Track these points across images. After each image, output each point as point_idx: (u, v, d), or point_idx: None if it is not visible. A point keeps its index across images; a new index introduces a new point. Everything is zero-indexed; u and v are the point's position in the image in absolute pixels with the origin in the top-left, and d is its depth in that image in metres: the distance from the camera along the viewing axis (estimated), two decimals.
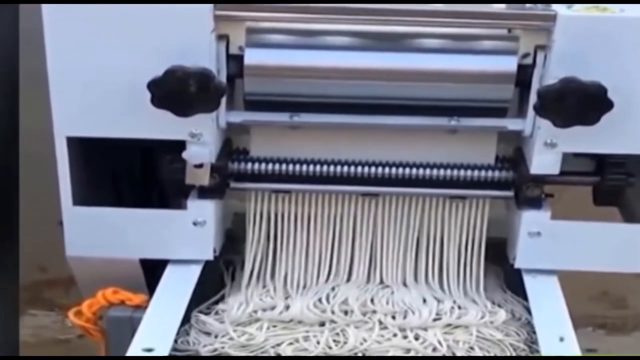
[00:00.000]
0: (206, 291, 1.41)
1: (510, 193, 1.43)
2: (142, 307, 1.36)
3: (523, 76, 1.34)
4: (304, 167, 1.42)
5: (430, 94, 1.36)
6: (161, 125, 1.32)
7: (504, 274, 1.50)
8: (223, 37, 1.33)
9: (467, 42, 1.36)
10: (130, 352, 1.23)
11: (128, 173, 1.56)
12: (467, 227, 1.46)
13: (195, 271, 1.43)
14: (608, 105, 1.27)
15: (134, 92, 1.29)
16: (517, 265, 1.44)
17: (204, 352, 1.27)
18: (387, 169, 1.42)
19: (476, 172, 1.42)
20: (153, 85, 1.27)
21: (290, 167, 1.42)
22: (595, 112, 1.28)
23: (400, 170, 1.42)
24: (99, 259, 1.44)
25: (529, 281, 1.43)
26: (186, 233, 1.41)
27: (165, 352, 1.23)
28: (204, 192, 1.41)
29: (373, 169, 1.42)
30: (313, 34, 1.35)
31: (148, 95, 1.28)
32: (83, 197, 1.41)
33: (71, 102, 1.33)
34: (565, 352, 1.25)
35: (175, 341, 1.27)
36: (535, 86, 1.32)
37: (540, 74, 1.32)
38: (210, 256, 1.44)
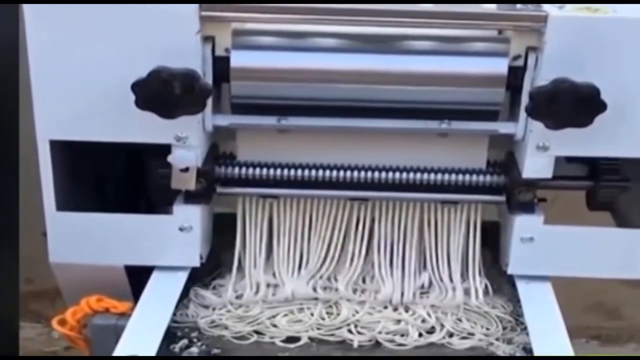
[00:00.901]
0: (203, 269, 1.44)
1: (502, 198, 1.41)
2: (127, 315, 1.33)
3: (514, 78, 1.32)
4: (292, 171, 1.40)
5: (420, 96, 1.34)
6: (146, 129, 1.30)
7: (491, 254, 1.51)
8: (209, 39, 1.31)
9: (456, 44, 1.34)
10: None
11: (113, 178, 1.53)
12: (459, 232, 1.44)
13: (182, 278, 1.41)
14: (601, 106, 1.25)
15: (118, 94, 1.26)
16: (509, 271, 1.42)
17: (202, 323, 1.32)
18: (377, 174, 1.40)
19: (467, 177, 1.40)
20: (137, 87, 1.24)
21: (278, 171, 1.40)
22: (588, 114, 1.26)
23: (391, 174, 1.40)
24: (83, 266, 1.41)
25: (522, 287, 1.41)
26: (172, 239, 1.39)
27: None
28: (190, 197, 1.38)
29: (363, 173, 1.40)
30: (301, 35, 1.33)
31: (132, 97, 1.25)
32: (66, 203, 1.39)
33: (54, 105, 1.31)
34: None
35: (174, 314, 1.32)
36: (526, 88, 1.30)
37: (532, 76, 1.30)
38: (196, 262, 1.42)
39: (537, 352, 1.25)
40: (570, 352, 1.24)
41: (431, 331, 1.33)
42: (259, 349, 1.29)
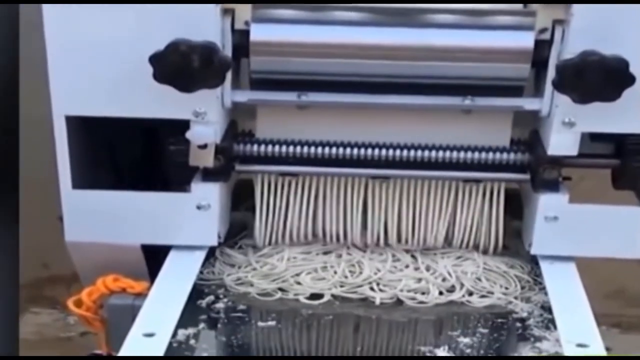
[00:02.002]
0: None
1: (526, 176, 1.38)
2: (143, 295, 1.31)
3: (540, 53, 1.30)
4: (312, 149, 1.38)
5: (443, 71, 1.32)
6: (164, 104, 1.28)
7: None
8: (228, 11, 1.29)
9: (481, 17, 1.31)
10: (130, 338, 1.18)
11: (130, 156, 1.51)
12: (481, 211, 1.42)
13: (199, 257, 1.39)
14: (630, 80, 1.22)
15: (136, 68, 1.24)
16: (533, 251, 1.39)
17: (228, 280, 1.36)
18: (398, 151, 1.37)
19: (491, 155, 1.37)
20: (155, 60, 1.22)
21: (298, 149, 1.38)
22: (616, 88, 1.23)
23: (412, 152, 1.37)
24: (100, 245, 1.39)
25: (546, 268, 1.39)
26: (190, 217, 1.37)
27: (166, 339, 1.18)
28: (209, 175, 1.36)
29: (384, 151, 1.37)
30: (322, 8, 1.31)
31: (150, 70, 1.23)
32: (83, 180, 1.37)
33: (70, 80, 1.29)
34: (585, 341, 1.20)
35: (201, 272, 1.36)
36: (553, 62, 1.27)
37: (559, 50, 1.27)
38: (214, 242, 1.39)
39: (561, 335, 1.22)
40: (596, 338, 1.21)
41: (451, 290, 1.35)
42: (283, 305, 1.31)
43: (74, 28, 1.26)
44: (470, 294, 1.35)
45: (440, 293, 1.34)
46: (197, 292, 1.31)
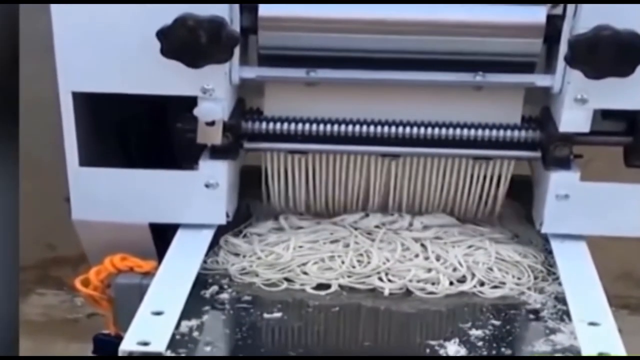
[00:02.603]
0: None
1: (537, 154, 1.36)
2: (151, 274, 1.30)
3: (552, 28, 1.28)
4: (321, 126, 1.36)
5: (454, 47, 1.30)
6: (171, 80, 1.27)
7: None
8: None
9: None
10: (139, 316, 1.17)
11: (137, 134, 1.50)
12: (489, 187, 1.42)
13: (207, 236, 1.37)
14: None
15: (144, 43, 1.23)
16: (543, 230, 1.38)
17: (233, 270, 1.32)
18: (408, 129, 1.36)
19: (502, 132, 1.36)
20: (162, 34, 1.21)
21: (307, 126, 1.36)
22: (629, 63, 1.21)
23: (422, 130, 1.36)
24: (106, 224, 1.38)
25: (557, 246, 1.37)
26: (198, 195, 1.36)
27: (175, 317, 1.18)
28: (216, 153, 1.35)
29: (393, 128, 1.36)
30: None
31: (158, 46, 1.21)
32: (89, 158, 1.36)
33: (76, 55, 1.27)
34: (597, 319, 1.19)
35: (205, 261, 1.32)
36: (565, 37, 1.25)
37: (571, 25, 1.25)
38: (222, 220, 1.38)
39: (573, 314, 1.21)
40: (605, 307, 1.21)
41: (462, 280, 1.31)
42: (289, 296, 1.28)
43: (81, 3, 1.24)
44: (482, 284, 1.31)
45: (451, 283, 1.31)
46: (201, 282, 1.27)
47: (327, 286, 1.30)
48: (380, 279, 1.31)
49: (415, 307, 1.27)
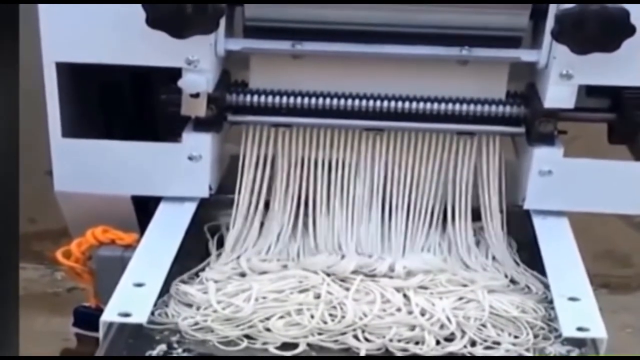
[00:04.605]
0: (189, 261, 1.30)
1: (521, 129, 1.36)
2: (133, 247, 1.29)
3: (539, 3, 1.27)
4: (306, 99, 1.35)
5: (440, 20, 1.30)
6: (156, 51, 1.26)
7: (518, 246, 1.41)
8: None
9: None
10: (120, 287, 1.17)
11: (121, 106, 1.49)
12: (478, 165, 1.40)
13: (190, 208, 1.37)
14: (630, 30, 1.20)
15: (128, 13, 1.22)
16: (526, 206, 1.38)
17: (184, 324, 1.14)
18: (393, 103, 1.35)
19: (486, 107, 1.35)
20: (148, 4, 1.19)
21: (292, 99, 1.35)
22: (616, 38, 1.21)
23: (407, 104, 1.35)
24: (89, 195, 1.38)
25: (538, 223, 1.37)
26: (181, 168, 1.35)
27: (157, 288, 1.17)
28: (200, 125, 1.34)
29: (378, 102, 1.35)
30: None
31: (143, 16, 1.20)
32: (72, 129, 1.35)
33: (61, 25, 1.26)
34: (577, 294, 1.19)
35: (152, 313, 1.15)
36: (552, 11, 1.25)
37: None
38: (205, 193, 1.38)
39: (553, 292, 1.20)
40: (586, 283, 1.21)
41: (451, 338, 1.14)
42: (249, 356, 1.12)
43: None
44: (473, 344, 1.13)
45: (438, 343, 1.13)
46: (146, 339, 1.11)
47: (294, 345, 1.12)
48: (356, 337, 1.13)
49: None
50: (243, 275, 1.27)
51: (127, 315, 1.11)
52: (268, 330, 1.13)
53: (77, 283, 1.39)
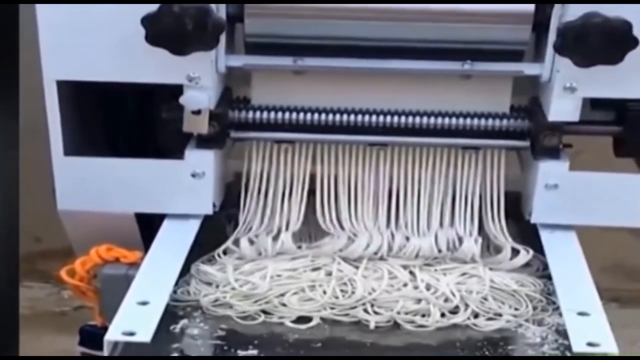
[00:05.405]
0: (207, 244, 1.34)
1: (526, 143, 1.35)
2: (137, 265, 1.28)
3: (541, 16, 1.27)
4: (309, 115, 1.35)
5: (442, 35, 1.29)
6: (157, 68, 1.25)
7: (519, 229, 1.42)
8: None
9: None
10: (124, 306, 1.16)
11: (123, 123, 1.49)
12: (482, 180, 1.39)
13: (194, 226, 1.36)
14: (633, 42, 1.19)
15: (128, 30, 1.22)
16: (533, 220, 1.37)
17: (205, 301, 1.21)
18: (396, 118, 1.35)
19: (490, 121, 1.35)
20: (147, 21, 1.19)
21: (294, 115, 1.35)
22: (619, 50, 1.20)
23: (411, 119, 1.35)
24: (92, 214, 1.37)
25: (546, 237, 1.36)
26: (184, 185, 1.34)
27: (161, 307, 1.17)
28: (203, 142, 1.34)
29: (382, 117, 1.35)
30: None
31: (143, 33, 1.20)
32: (74, 147, 1.34)
33: (61, 43, 1.26)
34: (586, 309, 1.18)
35: (175, 292, 1.22)
36: (554, 25, 1.24)
37: (560, 13, 1.24)
38: (209, 210, 1.37)
39: (561, 304, 1.20)
40: (595, 297, 1.20)
41: (455, 311, 1.21)
42: (266, 330, 1.18)
43: None
44: (476, 316, 1.20)
45: (443, 315, 1.20)
46: (170, 315, 1.17)
47: (308, 319, 1.19)
48: (366, 311, 1.20)
49: (403, 341, 1.17)
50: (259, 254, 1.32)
51: (131, 334, 1.10)
52: (283, 305, 1.20)
53: (83, 302, 1.38)
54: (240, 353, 1.12)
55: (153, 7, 1.19)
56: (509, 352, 1.15)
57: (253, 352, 1.12)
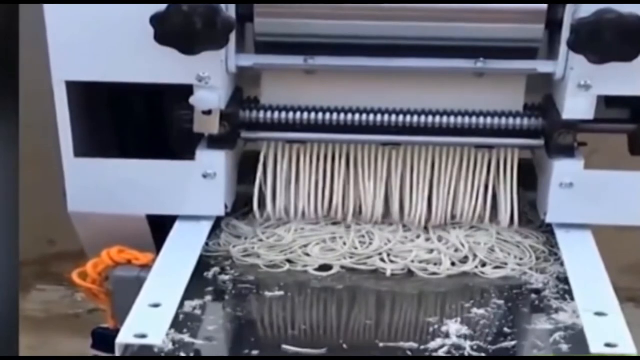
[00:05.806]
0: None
1: (540, 142, 1.34)
2: (149, 267, 1.27)
3: (554, 13, 1.25)
4: (320, 115, 1.34)
5: (454, 33, 1.28)
6: (167, 68, 1.25)
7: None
8: None
9: None
10: (136, 308, 1.15)
11: (133, 124, 1.48)
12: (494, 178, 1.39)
13: (206, 227, 1.36)
14: None
15: (137, 30, 1.21)
16: (548, 219, 1.36)
17: (235, 252, 1.33)
18: (408, 117, 1.33)
19: (504, 120, 1.33)
20: (156, 21, 1.18)
21: (305, 115, 1.34)
22: (633, 47, 1.18)
23: (423, 118, 1.33)
24: (104, 215, 1.36)
25: (561, 236, 1.35)
26: (195, 186, 1.34)
27: (173, 309, 1.16)
28: (214, 142, 1.33)
29: (394, 116, 1.34)
30: None
31: (152, 33, 1.19)
32: (85, 148, 1.34)
33: (70, 44, 1.25)
34: (604, 309, 1.16)
35: (207, 244, 1.33)
36: (568, 22, 1.23)
37: (573, 10, 1.23)
38: (221, 212, 1.36)
39: (579, 305, 1.18)
40: (612, 297, 1.19)
41: (464, 261, 1.32)
42: (291, 277, 1.29)
43: None
44: (484, 265, 1.32)
45: (453, 264, 1.32)
46: (203, 264, 1.28)
47: (330, 267, 1.30)
48: (382, 260, 1.32)
49: (417, 288, 1.28)
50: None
51: (143, 336, 1.09)
52: (307, 255, 1.33)
53: (96, 304, 1.37)
54: (268, 295, 1.23)
55: (162, 7, 1.18)
56: (514, 296, 1.25)
57: (280, 292, 1.23)
